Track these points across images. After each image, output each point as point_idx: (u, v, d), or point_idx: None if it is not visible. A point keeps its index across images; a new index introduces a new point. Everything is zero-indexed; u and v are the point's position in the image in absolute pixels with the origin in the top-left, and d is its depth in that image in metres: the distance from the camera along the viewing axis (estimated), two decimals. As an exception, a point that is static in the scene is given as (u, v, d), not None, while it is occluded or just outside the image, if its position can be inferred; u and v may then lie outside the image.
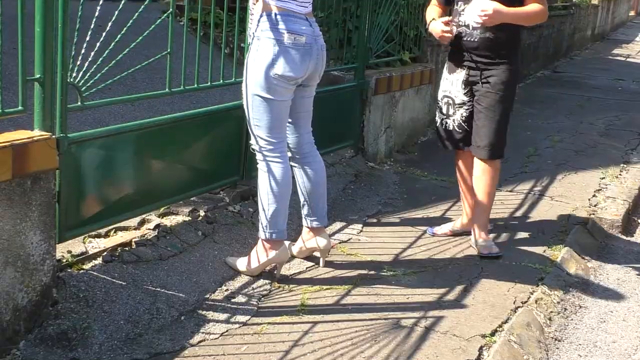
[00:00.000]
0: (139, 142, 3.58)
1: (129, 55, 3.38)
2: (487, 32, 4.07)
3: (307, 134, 3.74)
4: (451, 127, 4.32)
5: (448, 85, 4.30)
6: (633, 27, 19.79)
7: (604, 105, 9.31)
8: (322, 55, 3.52)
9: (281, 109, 3.47)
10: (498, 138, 4.16)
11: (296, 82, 3.43)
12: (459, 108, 4.26)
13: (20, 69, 2.79)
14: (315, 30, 3.46)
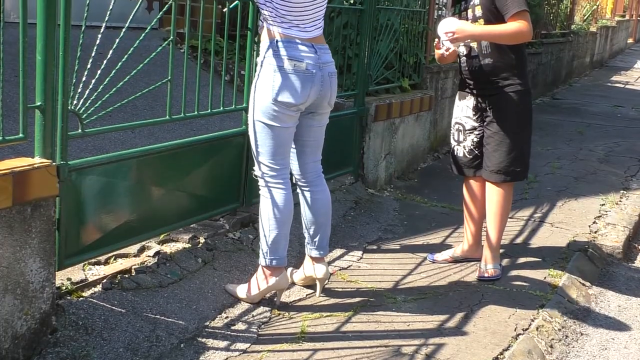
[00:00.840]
0: (139, 169, 3.58)
1: (130, 82, 3.39)
2: (486, 59, 4.09)
3: (314, 163, 3.73)
4: (461, 154, 4.32)
5: (459, 112, 4.32)
6: (631, 55, 19.87)
7: (603, 132, 9.33)
8: (329, 83, 3.50)
9: (284, 136, 3.47)
10: (509, 162, 4.15)
11: (298, 108, 3.43)
12: (469, 134, 4.27)
13: (22, 96, 2.80)
14: (321, 57, 3.44)
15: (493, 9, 3.98)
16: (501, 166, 4.14)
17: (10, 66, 2.86)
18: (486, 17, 4.02)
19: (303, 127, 3.58)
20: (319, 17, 3.47)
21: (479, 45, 4.09)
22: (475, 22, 4.06)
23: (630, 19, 22.04)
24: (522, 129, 4.19)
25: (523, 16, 3.93)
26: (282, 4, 3.30)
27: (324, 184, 3.78)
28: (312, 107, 3.51)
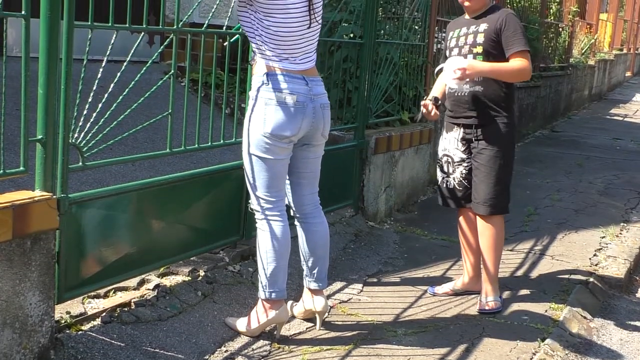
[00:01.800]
0: (139, 202, 3.58)
1: (131, 115, 3.41)
2: (476, 86, 4.11)
3: (311, 195, 3.73)
4: (452, 185, 4.33)
5: (446, 143, 4.34)
6: (630, 88, 19.97)
7: (602, 164, 9.34)
8: (321, 114, 3.51)
9: (278, 168, 3.48)
10: (496, 194, 4.16)
11: (290, 140, 3.43)
12: (458, 166, 4.28)
13: (23, 130, 2.82)
14: (313, 89, 3.45)
15: (495, 40, 4.02)
16: (487, 197, 4.16)
17: (12, 100, 2.88)
18: (486, 46, 4.06)
19: (298, 160, 3.59)
20: (311, 50, 3.49)
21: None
22: (474, 47, 4.09)
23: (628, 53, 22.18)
24: (508, 162, 4.21)
25: (525, 55, 4.02)
26: (273, 38, 3.31)
27: (322, 215, 3.78)
28: (306, 139, 3.52)
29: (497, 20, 4.06)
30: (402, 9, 6.56)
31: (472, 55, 4.11)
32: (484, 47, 4.07)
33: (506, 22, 4.03)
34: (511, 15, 4.11)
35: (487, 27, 4.08)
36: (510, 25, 4.02)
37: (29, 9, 2.78)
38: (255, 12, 3.28)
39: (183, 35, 3.90)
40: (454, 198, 4.36)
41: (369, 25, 5.48)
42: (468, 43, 4.14)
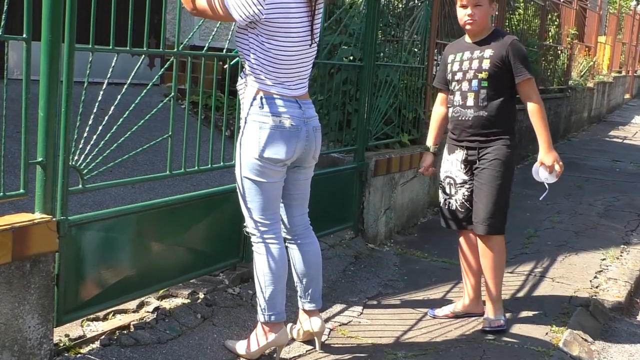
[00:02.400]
0: (139, 225, 3.58)
1: (131, 137, 3.41)
2: (480, 111, 4.13)
3: (301, 216, 3.73)
4: (454, 207, 4.34)
5: (449, 165, 4.35)
6: (629, 110, 20.02)
7: (602, 186, 9.35)
8: (314, 137, 3.51)
9: (272, 191, 3.47)
10: (494, 213, 4.17)
11: (284, 164, 3.43)
12: (460, 187, 4.29)
13: (23, 152, 2.82)
14: (305, 112, 3.45)
15: (500, 66, 4.06)
16: (485, 217, 4.16)
17: (12, 122, 2.89)
18: (491, 72, 4.08)
19: (289, 182, 3.58)
20: (305, 75, 3.49)
21: (476, 96, 4.14)
22: (479, 73, 4.12)
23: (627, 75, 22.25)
24: (506, 182, 4.22)
25: (532, 84, 4.14)
26: (271, 61, 3.31)
27: (313, 236, 3.77)
28: (298, 161, 3.52)
29: (503, 47, 4.08)
30: (401, 32, 6.58)
31: (477, 81, 4.13)
32: (489, 73, 4.09)
33: (513, 50, 4.07)
34: (516, 42, 4.15)
35: (492, 54, 4.10)
36: (517, 53, 4.08)
37: (30, 32, 2.79)
38: (257, 35, 3.28)
39: (183, 58, 3.91)
40: (456, 219, 4.37)
41: (369, 47, 5.50)
42: (473, 68, 4.15)
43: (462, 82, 4.21)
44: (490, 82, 4.11)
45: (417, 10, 6.84)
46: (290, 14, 3.27)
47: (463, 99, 4.20)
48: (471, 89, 4.16)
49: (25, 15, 2.79)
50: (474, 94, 4.15)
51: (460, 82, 4.22)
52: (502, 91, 4.13)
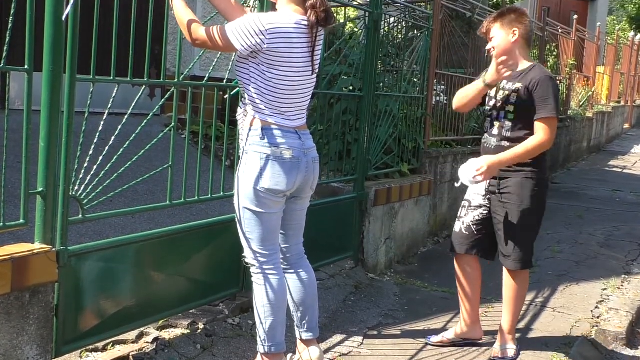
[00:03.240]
0: (138, 255, 3.58)
1: (131, 167, 3.42)
2: (502, 141, 4.11)
3: (296, 246, 3.72)
4: (458, 229, 4.32)
5: (472, 189, 4.30)
6: (628, 139, 20.04)
7: (602, 216, 9.34)
8: (312, 168, 3.51)
9: (272, 222, 3.47)
10: (525, 249, 4.16)
11: (284, 194, 3.44)
12: (473, 210, 4.27)
13: (23, 182, 2.83)
14: (305, 144, 3.45)
15: (526, 100, 4.03)
16: (515, 252, 4.14)
17: (13, 152, 2.90)
18: (518, 105, 4.06)
19: (286, 212, 3.57)
20: (304, 106, 3.49)
21: (501, 127, 4.12)
22: (507, 105, 4.11)
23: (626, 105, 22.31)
24: (533, 216, 4.17)
25: (550, 122, 4.01)
26: (272, 91, 3.31)
27: (308, 265, 3.76)
28: (296, 192, 3.52)
29: (530, 81, 4.05)
30: (401, 62, 6.62)
31: (504, 112, 4.11)
32: (515, 107, 4.07)
33: (538, 85, 4.01)
34: (545, 77, 4.06)
35: (520, 87, 4.06)
36: (541, 89, 4.01)
37: (32, 64, 2.81)
38: (259, 64, 3.29)
39: (184, 88, 3.93)
40: (459, 242, 4.34)
41: (369, 78, 5.53)
42: (503, 99, 4.14)
43: (493, 110, 4.20)
44: (515, 114, 4.07)
45: (417, 41, 6.88)
46: (292, 44, 3.28)
47: (491, 126, 4.20)
48: (498, 118, 4.15)
49: (27, 46, 2.81)
50: (499, 123, 4.14)
51: (492, 109, 4.21)
52: (527, 125, 4.06)
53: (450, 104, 7.56)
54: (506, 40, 4.13)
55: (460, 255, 4.36)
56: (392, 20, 6.46)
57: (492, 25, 4.19)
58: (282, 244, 3.67)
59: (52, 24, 2.89)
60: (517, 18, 4.16)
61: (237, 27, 3.21)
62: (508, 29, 4.13)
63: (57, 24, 2.89)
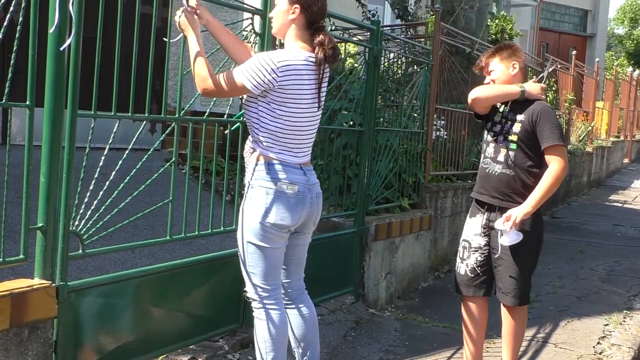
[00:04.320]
0: (138, 290, 3.56)
1: (131, 202, 3.42)
2: (507, 169, 4.11)
3: (297, 281, 3.71)
4: (463, 272, 4.30)
5: (468, 229, 4.31)
6: (628, 174, 20.05)
7: (604, 251, 9.31)
8: (316, 204, 3.52)
9: (276, 257, 3.46)
10: (522, 285, 4.15)
11: (289, 230, 3.44)
12: (474, 252, 4.26)
13: (24, 218, 2.83)
14: (309, 179, 3.47)
15: (530, 131, 4.05)
16: (513, 288, 4.13)
17: (13, 187, 2.90)
18: (521, 136, 4.08)
19: (288, 246, 3.56)
20: (310, 143, 3.51)
21: (507, 155, 4.13)
22: (510, 135, 4.12)
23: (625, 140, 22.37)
24: (531, 251, 4.17)
25: (559, 150, 4.02)
26: (281, 128, 3.32)
27: (309, 300, 3.74)
28: (300, 227, 3.51)
29: (532, 113, 4.07)
30: (401, 97, 6.65)
31: (507, 141, 4.14)
32: (518, 137, 4.09)
33: (540, 116, 4.04)
34: (547, 108, 4.11)
35: (523, 119, 4.09)
36: (544, 119, 4.04)
37: (34, 99, 2.82)
38: (269, 102, 3.30)
39: (185, 123, 3.95)
40: (464, 284, 4.32)
41: (369, 113, 5.56)
42: (506, 128, 4.17)
43: (498, 135, 4.21)
44: (519, 145, 4.09)
45: (416, 76, 6.93)
46: (301, 80, 3.30)
47: (495, 152, 4.19)
48: (504, 146, 4.16)
49: (29, 82, 2.83)
50: (505, 150, 4.15)
51: (497, 135, 4.22)
52: (531, 156, 4.09)
53: (450, 139, 7.64)
54: (506, 74, 4.19)
55: (468, 296, 4.34)
56: (392, 55, 6.51)
57: (491, 60, 4.25)
58: (283, 279, 3.65)
59: (53, 60, 2.91)
60: (514, 52, 4.24)
61: (248, 67, 3.22)
62: (507, 63, 4.20)
63: (59, 61, 2.91)
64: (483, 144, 4.35)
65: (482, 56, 4.38)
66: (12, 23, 2.76)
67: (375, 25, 5.64)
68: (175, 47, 6.23)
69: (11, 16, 2.77)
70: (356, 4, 9.97)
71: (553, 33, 25.50)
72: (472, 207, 4.37)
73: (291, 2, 3.36)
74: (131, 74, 3.35)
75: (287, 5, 3.37)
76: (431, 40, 7.27)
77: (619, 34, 39.34)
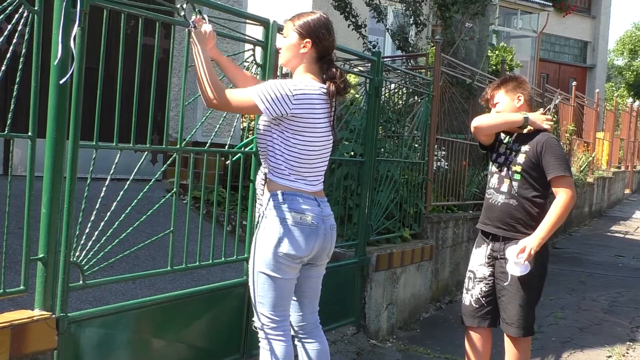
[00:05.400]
0: (139, 321, 3.55)
1: (132, 233, 3.42)
2: (510, 199, 4.12)
3: (312, 314, 3.69)
4: (468, 302, 4.28)
5: (473, 259, 4.31)
6: (629, 205, 20.03)
7: (605, 282, 9.28)
8: (330, 235, 3.51)
9: (286, 287, 3.45)
10: (527, 316, 4.13)
11: (302, 260, 3.43)
12: (478, 282, 4.24)
13: (25, 249, 2.82)
14: (323, 210, 3.47)
15: (534, 162, 4.07)
16: (516, 319, 4.11)
17: (15, 218, 2.90)
18: (525, 167, 4.09)
19: (301, 278, 3.56)
20: (322, 171, 3.52)
21: (510, 185, 4.13)
22: (514, 165, 4.13)
23: (626, 170, 22.39)
24: (534, 282, 4.15)
25: (566, 182, 4.04)
26: (296, 157, 3.33)
27: (322, 334, 3.72)
28: (313, 258, 3.51)
29: (537, 144, 4.09)
30: (401, 128, 6.67)
31: (510, 172, 4.14)
32: (523, 167, 4.10)
33: (545, 147, 4.06)
34: (551, 139, 4.13)
35: (528, 149, 4.11)
36: (549, 150, 4.06)
37: (36, 131, 2.83)
38: (282, 131, 3.31)
39: (186, 154, 3.96)
40: (468, 315, 4.30)
41: (370, 143, 5.57)
42: (510, 159, 4.18)
43: (502, 166, 4.21)
44: (523, 176, 4.10)
45: (417, 107, 6.95)
46: (315, 111, 3.32)
47: (499, 183, 4.20)
48: (507, 176, 4.17)
49: (32, 114, 2.84)
50: (509, 181, 4.15)
51: (501, 166, 4.22)
52: (535, 187, 4.10)
53: (451, 169, 7.65)
54: (512, 106, 4.22)
55: (472, 327, 4.31)
56: (393, 86, 6.53)
57: (496, 92, 4.28)
58: (296, 312, 3.63)
59: (56, 92, 2.92)
60: (519, 84, 4.27)
61: (264, 88, 3.24)
62: (513, 95, 4.23)
63: (62, 92, 2.92)
64: (488, 175, 4.36)
65: (487, 88, 4.40)
66: (15, 55, 2.78)
67: (376, 56, 5.67)
68: (177, 78, 6.28)
69: (14, 48, 2.78)
70: (357, 35, 10.04)
71: (553, 64, 25.63)
72: (477, 238, 4.37)
73: (302, 35, 3.39)
74: (133, 104, 3.36)
75: (298, 39, 3.40)
76: (432, 71, 7.31)
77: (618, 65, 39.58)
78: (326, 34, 3.42)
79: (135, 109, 3.37)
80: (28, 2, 2.79)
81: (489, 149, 4.35)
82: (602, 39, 26.62)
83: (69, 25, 2.89)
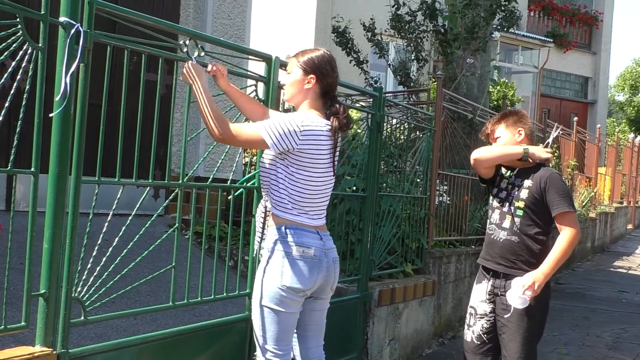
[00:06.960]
0: (140, 357, 3.52)
1: (134, 268, 3.41)
2: (512, 235, 4.11)
3: (316, 348, 3.67)
4: (469, 338, 4.26)
5: (474, 295, 4.29)
6: (632, 240, 20.00)
7: (609, 318, 9.23)
8: (333, 268, 3.52)
9: (289, 321, 3.45)
10: (527, 353, 4.10)
11: (305, 294, 3.43)
12: (479, 319, 4.22)
13: (26, 284, 2.82)
14: (326, 244, 3.48)
15: (538, 198, 4.06)
16: (515, 357, 4.08)
17: (16, 254, 2.89)
18: (528, 202, 4.08)
19: (305, 312, 3.56)
20: (325, 206, 3.54)
21: (512, 221, 4.12)
22: (517, 201, 4.12)
23: (629, 205, 22.38)
24: (536, 320, 4.13)
25: (570, 218, 4.03)
26: (299, 191, 3.36)
27: None
28: (316, 292, 3.51)
29: (540, 179, 4.09)
30: (403, 163, 6.68)
31: (513, 207, 4.14)
32: (525, 203, 4.09)
33: (548, 183, 4.06)
34: (554, 175, 4.13)
35: (531, 185, 4.11)
36: (553, 186, 4.05)
37: (38, 166, 2.84)
38: (287, 165, 3.34)
39: (188, 189, 3.96)
40: (470, 351, 4.27)
41: (371, 178, 5.57)
42: (512, 195, 4.18)
43: (504, 201, 4.21)
44: (525, 211, 4.10)
45: (419, 142, 6.97)
46: (320, 146, 3.35)
47: (501, 218, 4.20)
48: (509, 212, 4.16)
49: (35, 149, 2.85)
50: (511, 217, 4.14)
51: (502, 201, 4.22)
52: (538, 223, 4.10)
53: (453, 204, 7.65)
54: (512, 140, 4.22)
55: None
56: (395, 121, 6.56)
57: (497, 127, 4.29)
58: (301, 346, 3.63)
59: (59, 127, 2.93)
60: (520, 119, 4.28)
61: (272, 123, 3.27)
62: (513, 129, 4.24)
63: (64, 128, 2.94)
64: (489, 209, 4.35)
65: (488, 123, 4.41)
66: (19, 91, 2.80)
67: (377, 92, 5.70)
68: (179, 114, 6.31)
69: (18, 84, 2.80)
70: (359, 70, 10.10)
71: (554, 99, 25.74)
72: (478, 273, 4.35)
73: (306, 72, 3.43)
74: (135, 140, 3.37)
75: (302, 75, 3.44)
76: (433, 107, 7.34)
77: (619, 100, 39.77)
78: (330, 70, 3.46)
79: (137, 144, 3.38)
80: (32, 39, 2.81)
81: (489, 182, 4.36)
82: (602, 75, 26.76)
83: (72, 61, 2.91)
